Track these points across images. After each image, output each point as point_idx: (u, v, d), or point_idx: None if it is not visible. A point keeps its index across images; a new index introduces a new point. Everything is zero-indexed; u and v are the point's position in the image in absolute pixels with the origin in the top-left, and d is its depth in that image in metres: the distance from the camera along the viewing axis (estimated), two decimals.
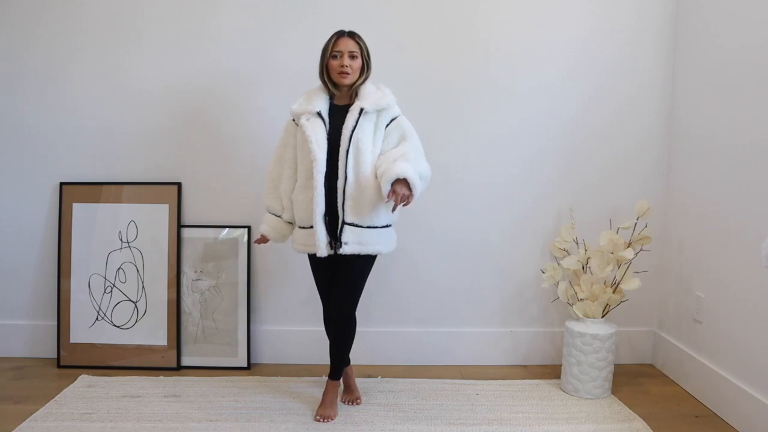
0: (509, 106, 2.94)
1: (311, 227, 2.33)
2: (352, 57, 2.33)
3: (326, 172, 2.29)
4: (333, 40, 2.35)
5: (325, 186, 2.29)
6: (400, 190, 2.19)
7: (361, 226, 2.32)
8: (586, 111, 2.95)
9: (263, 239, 2.53)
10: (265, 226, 2.50)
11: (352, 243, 2.31)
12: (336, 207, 2.31)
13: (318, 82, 2.41)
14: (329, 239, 2.33)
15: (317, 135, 2.30)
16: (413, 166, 2.23)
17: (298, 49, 2.87)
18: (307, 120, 2.32)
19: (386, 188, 2.20)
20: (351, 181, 2.29)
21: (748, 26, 2.41)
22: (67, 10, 2.88)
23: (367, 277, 2.43)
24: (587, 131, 2.97)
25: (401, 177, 2.19)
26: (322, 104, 2.36)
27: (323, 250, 2.31)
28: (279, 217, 2.49)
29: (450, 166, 2.93)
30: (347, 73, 2.32)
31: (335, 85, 2.37)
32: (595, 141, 2.97)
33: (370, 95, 2.35)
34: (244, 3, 2.89)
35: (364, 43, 2.38)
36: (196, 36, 2.90)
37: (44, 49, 2.91)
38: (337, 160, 2.29)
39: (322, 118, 2.34)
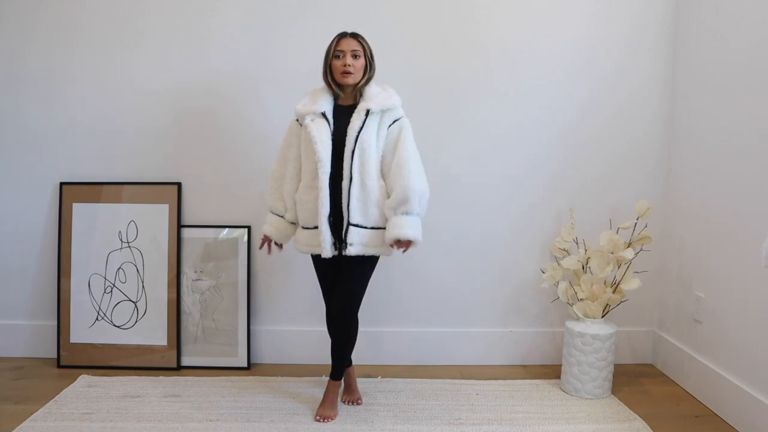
0: (509, 107, 2.94)
1: (315, 228, 2.33)
2: (355, 56, 2.33)
3: (331, 173, 2.29)
4: (336, 41, 2.35)
5: (329, 186, 2.29)
6: (403, 245, 2.31)
7: (366, 227, 2.32)
8: (586, 111, 2.95)
9: (266, 239, 2.53)
10: (268, 226, 2.51)
11: (357, 244, 2.31)
12: (340, 207, 2.31)
13: (322, 83, 2.41)
14: (333, 240, 2.33)
15: (322, 135, 2.30)
16: (415, 220, 2.28)
17: (298, 48, 2.87)
18: (312, 120, 2.32)
19: (389, 241, 2.31)
20: (356, 182, 2.29)
21: (748, 26, 2.41)
22: (67, 9, 2.88)
23: (369, 278, 2.43)
24: (587, 131, 2.97)
25: (404, 240, 2.28)
26: (327, 105, 2.36)
27: (328, 251, 2.31)
28: (282, 217, 2.49)
29: (450, 167, 2.93)
30: (350, 73, 2.31)
31: (339, 85, 2.37)
32: (595, 141, 2.97)
33: (375, 96, 2.35)
34: (245, 3, 2.89)
35: (367, 44, 2.38)
36: (196, 36, 2.90)
37: (44, 49, 2.91)
38: (342, 161, 2.30)
39: (327, 119, 2.34)
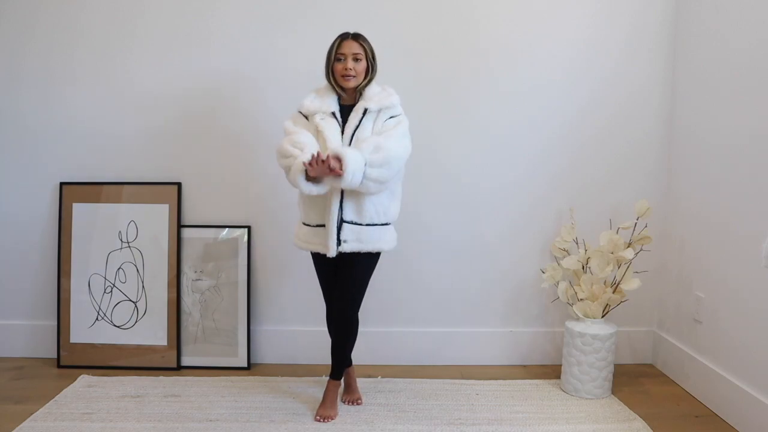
0: (509, 107, 2.94)
1: (317, 226, 2.33)
2: (356, 60, 2.32)
3: None
4: (337, 43, 2.34)
5: None
6: (333, 163, 2.13)
7: (360, 224, 2.32)
8: (587, 111, 2.95)
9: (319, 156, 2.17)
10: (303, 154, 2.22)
11: (351, 240, 2.31)
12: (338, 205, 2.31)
13: (322, 82, 2.41)
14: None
15: (333, 134, 2.30)
16: (360, 153, 2.18)
17: (298, 49, 2.87)
18: (322, 119, 2.33)
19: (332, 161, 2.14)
20: None
21: (748, 26, 2.41)
22: (67, 9, 2.88)
23: (370, 277, 2.43)
24: (587, 131, 2.96)
25: (340, 156, 2.14)
26: (334, 104, 2.36)
27: (334, 250, 2.31)
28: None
29: (450, 167, 2.94)
30: (351, 76, 2.32)
31: (341, 86, 2.37)
32: (595, 141, 2.97)
33: (375, 96, 2.35)
34: (245, 3, 2.89)
35: (369, 45, 2.37)
36: (196, 36, 2.90)
37: (44, 49, 2.90)
38: None
39: (337, 119, 2.34)
